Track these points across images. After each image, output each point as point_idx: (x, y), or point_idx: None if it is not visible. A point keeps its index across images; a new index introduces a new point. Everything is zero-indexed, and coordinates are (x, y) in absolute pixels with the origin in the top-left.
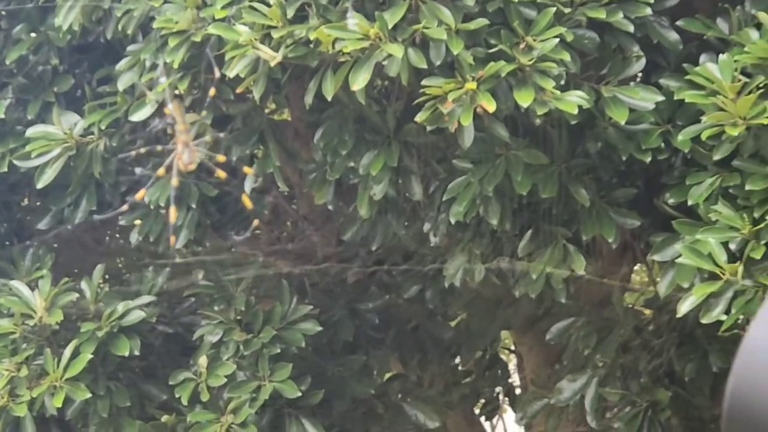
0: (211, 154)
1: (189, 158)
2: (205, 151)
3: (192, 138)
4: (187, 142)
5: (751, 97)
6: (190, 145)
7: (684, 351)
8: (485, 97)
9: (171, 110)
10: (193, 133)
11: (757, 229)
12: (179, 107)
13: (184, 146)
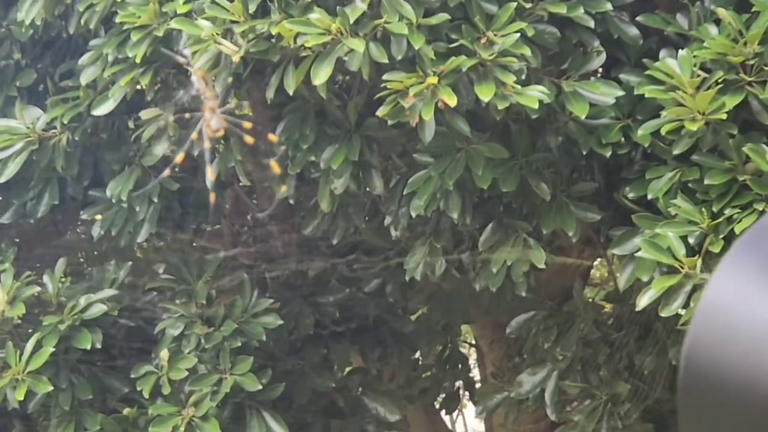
0: (237, 120)
1: (216, 124)
2: (231, 118)
3: (218, 105)
4: (214, 108)
5: (710, 93)
6: (217, 112)
7: (643, 344)
8: (446, 91)
9: (198, 75)
10: (218, 100)
11: (715, 223)
12: (204, 76)
13: (211, 113)
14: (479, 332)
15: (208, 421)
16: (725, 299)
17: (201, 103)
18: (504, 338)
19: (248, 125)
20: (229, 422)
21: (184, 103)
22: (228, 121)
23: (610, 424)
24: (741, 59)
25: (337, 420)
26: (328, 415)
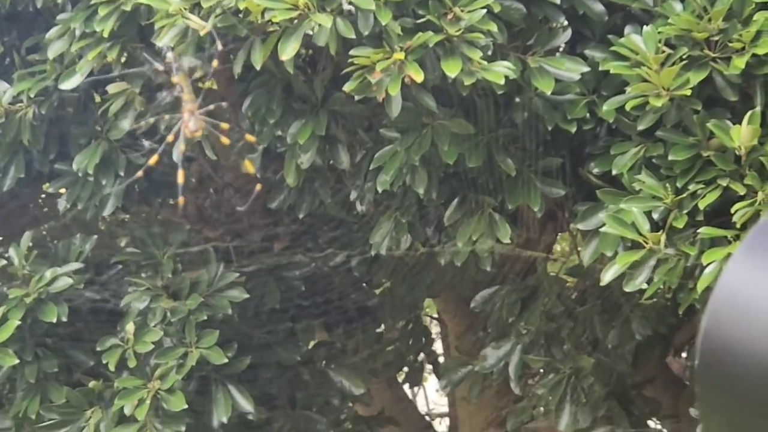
0: (215, 122)
1: (195, 126)
2: (210, 120)
3: (197, 107)
4: (193, 110)
5: (675, 69)
6: (196, 114)
7: (607, 319)
8: (413, 67)
9: (177, 80)
10: (198, 102)
11: (679, 198)
12: (185, 78)
13: (190, 114)
14: (443, 306)
15: (173, 394)
16: (740, 284)
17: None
18: (468, 312)
19: (225, 126)
20: (195, 395)
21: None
22: (206, 122)
23: (574, 398)
24: (705, 35)
25: (302, 393)
26: (294, 388)
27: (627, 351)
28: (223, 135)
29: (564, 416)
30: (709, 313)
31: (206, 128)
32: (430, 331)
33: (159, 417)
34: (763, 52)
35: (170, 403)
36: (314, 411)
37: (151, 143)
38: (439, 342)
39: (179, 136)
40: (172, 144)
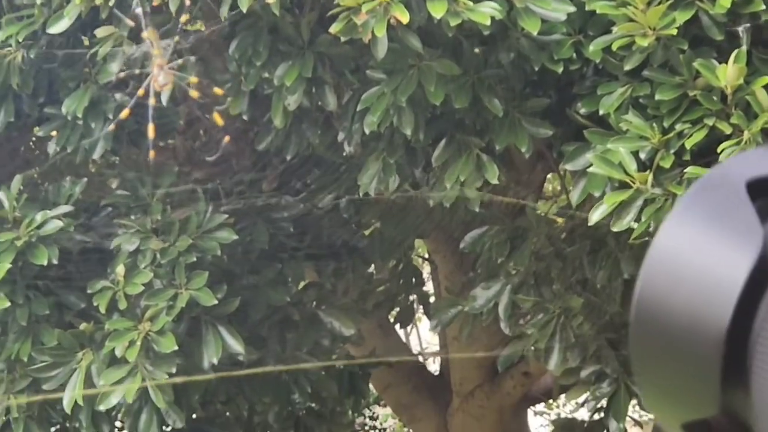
0: (184, 75)
1: (164, 80)
2: (178, 74)
3: (166, 62)
4: (162, 65)
5: (661, 8)
6: (165, 68)
7: (595, 258)
8: (399, 8)
9: (147, 35)
10: (167, 57)
11: (666, 138)
12: (154, 33)
13: (159, 69)
14: (433, 247)
15: (164, 336)
16: (672, 248)
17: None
18: (457, 253)
19: (194, 80)
20: (185, 336)
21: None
22: (175, 76)
23: (563, 337)
24: None
25: (292, 334)
26: (284, 329)
27: (615, 290)
28: (193, 89)
29: (553, 355)
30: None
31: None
32: (421, 271)
33: (150, 358)
34: None
35: (161, 344)
36: (305, 352)
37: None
38: (429, 283)
39: (149, 90)
40: (144, 97)
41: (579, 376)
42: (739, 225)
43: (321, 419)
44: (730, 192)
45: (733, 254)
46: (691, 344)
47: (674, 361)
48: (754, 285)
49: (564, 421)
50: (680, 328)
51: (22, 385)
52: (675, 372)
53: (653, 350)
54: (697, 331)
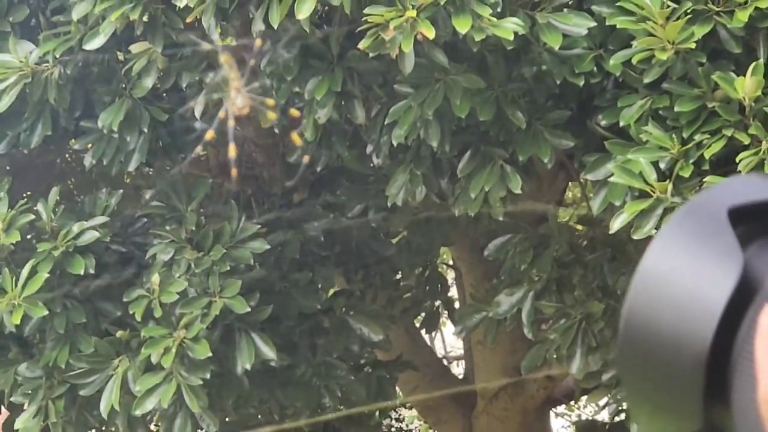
0: (261, 98)
1: (242, 102)
2: (256, 96)
3: (243, 85)
4: (239, 88)
5: (680, 23)
6: (242, 91)
7: (616, 265)
8: (425, 24)
9: (224, 60)
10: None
11: (685, 148)
12: (230, 58)
13: (236, 92)
14: (458, 254)
15: (198, 343)
16: (658, 271)
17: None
18: (482, 260)
19: (271, 102)
20: (219, 343)
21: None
22: (252, 99)
23: (585, 342)
24: None
25: (323, 340)
26: (314, 335)
27: None
28: (270, 110)
29: (575, 359)
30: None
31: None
32: (446, 278)
33: (185, 365)
34: (765, 6)
35: (195, 351)
36: (335, 357)
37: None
38: (454, 289)
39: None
40: (224, 120)
41: (600, 380)
42: (721, 250)
43: (350, 422)
44: (712, 219)
45: (714, 277)
46: (675, 362)
47: (660, 377)
48: (735, 306)
49: (586, 423)
50: (665, 346)
51: (60, 391)
52: (660, 388)
53: (640, 367)
54: (681, 349)
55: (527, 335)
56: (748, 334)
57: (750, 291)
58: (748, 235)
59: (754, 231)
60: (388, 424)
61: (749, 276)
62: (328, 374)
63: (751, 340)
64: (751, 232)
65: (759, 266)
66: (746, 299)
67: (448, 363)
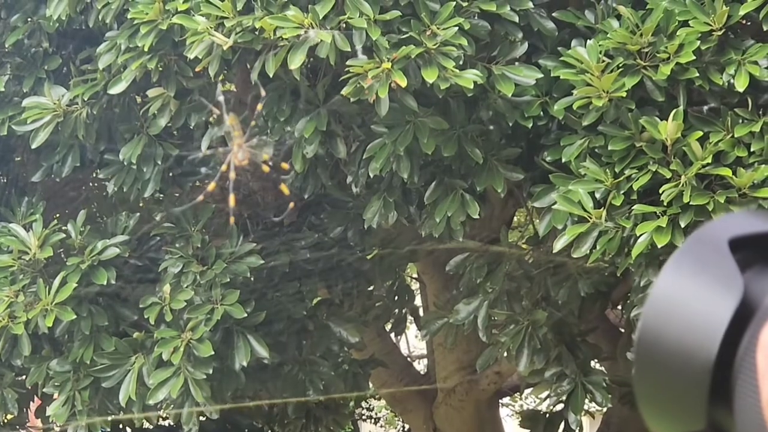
0: (257, 152)
1: (242, 156)
2: (252, 151)
3: (245, 140)
4: (241, 144)
5: (613, 75)
6: (243, 146)
7: (558, 279)
8: (398, 74)
9: (231, 121)
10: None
11: (617, 181)
12: (235, 118)
13: (238, 147)
14: (423, 269)
15: (202, 343)
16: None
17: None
18: (443, 274)
19: (266, 156)
20: (220, 343)
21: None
22: (251, 153)
23: (531, 344)
24: (638, 47)
25: (308, 341)
26: (300, 337)
27: (574, 305)
28: (264, 165)
29: (522, 359)
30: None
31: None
32: (412, 289)
33: (191, 362)
34: (685, 61)
35: (200, 350)
36: (318, 356)
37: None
38: (419, 298)
39: (231, 166)
40: (227, 172)
41: (543, 376)
42: (723, 274)
43: (328, 410)
44: (715, 247)
45: (718, 298)
46: (684, 371)
47: (670, 384)
48: (737, 324)
49: (529, 412)
50: (675, 357)
51: (85, 383)
52: (670, 393)
53: (653, 375)
54: (690, 360)
55: (482, 338)
56: (749, 347)
57: (749, 310)
58: (746, 262)
59: (751, 258)
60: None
61: (748, 297)
62: (312, 370)
63: (752, 353)
64: (748, 259)
65: (757, 288)
66: (746, 317)
67: (412, 361)
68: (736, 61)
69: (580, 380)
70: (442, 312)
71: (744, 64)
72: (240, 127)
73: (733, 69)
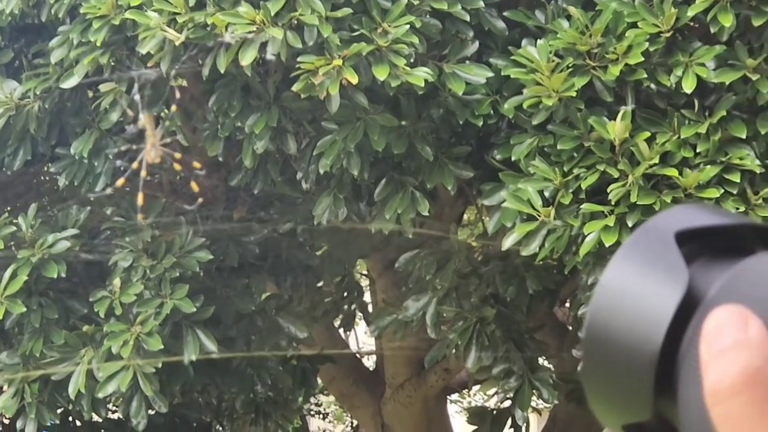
0: (171, 152)
1: (155, 154)
2: (167, 150)
3: (158, 139)
4: (154, 142)
5: (563, 75)
6: (156, 145)
7: (506, 277)
8: (349, 71)
9: (144, 121)
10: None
11: (566, 180)
12: (149, 117)
13: (152, 146)
14: (372, 265)
15: (152, 337)
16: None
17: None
18: (393, 271)
19: (178, 156)
20: (169, 338)
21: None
22: (164, 152)
23: (479, 341)
24: (587, 48)
25: (257, 336)
26: (249, 332)
27: (522, 303)
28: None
29: (470, 356)
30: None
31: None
32: (361, 285)
33: (140, 355)
34: (633, 62)
35: (149, 344)
36: (266, 351)
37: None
38: (368, 294)
39: (143, 164)
40: (137, 170)
41: (491, 373)
42: (669, 267)
43: (277, 405)
44: (662, 240)
45: (664, 290)
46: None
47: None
48: (681, 315)
49: (476, 408)
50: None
51: (34, 376)
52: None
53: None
54: (635, 352)
55: (430, 335)
56: (693, 338)
57: (694, 301)
58: (692, 254)
59: (697, 251)
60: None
61: (693, 289)
62: (260, 365)
63: (696, 344)
64: (695, 251)
65: (702, 281)
66: (691, 309)
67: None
68: (683, 63)
69: (527, 377)
70: (391, 308)
71: (691, 66)
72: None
73: (680, 70)
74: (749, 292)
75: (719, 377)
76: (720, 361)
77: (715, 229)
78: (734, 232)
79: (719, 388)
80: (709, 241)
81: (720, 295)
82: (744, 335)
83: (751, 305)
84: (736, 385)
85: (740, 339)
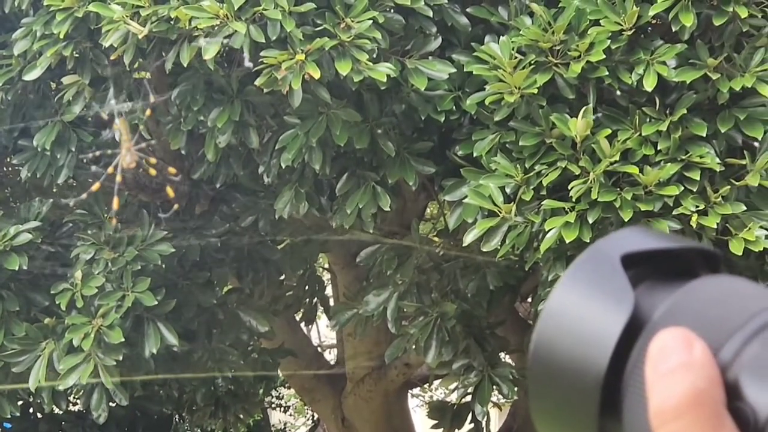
0: (145, 156)
1: (130, 159)
2: (141, 155)
3: (133, 143)
4: (129, 147)
5: (525, 71)
6: (131, 150)
7: (467, 272)
8: (312, 66)
9: (118, 126)
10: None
11: (527, 176)
12: (124, 122)
13: (126, 150)
14: (334, 260)
15: (113, 330)
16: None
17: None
18: (354, 265)
19: (153, 161)
20: (131, 331)
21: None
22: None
23: (439, 336)
24: (550, 45)
25: (218, 330)
26: (210, 326)
27: (483, 298)
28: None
29: (431, 351)
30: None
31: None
32: (323, 279)
33: (101, 348)
34: (595, 60)
35: (110, 336)
36: (227, 344)
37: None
38: (329, 289)
39: (118, 168)
40: (113, 175)
41: (451, 368)
42: (615, 290)
43: (237, 398)
44: (608, 263)
45: (609, 313)
46: (576, 383)
47: (563, 398)
48: (626, 337)
49: (437, 403)
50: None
51: None
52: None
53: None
54: (581, 375)
55: (391, 329)
56: (638, 360)
57: (639, 324)
58: (637, 278)
59: (642, 274)
60: (269, 401)
61: (639, 312)
62: (221, 358)
63: (641, 366)
64: (640, 275)
65: (647, 304)
66: (636, 331)
67: (322, 351)
68: (645, 61)
69: (487, 372)
70: (352, 303)
71: (653, 64)
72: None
73: (642, 68)
74: (693, 314)
75: (664, 398)
76: (665, 382)
77: (660, 253)
78: (679, 255)
79: (664, 409)
80: (655, 264)
81: (665, 318)
82: (688, 357)
83: (696, 328)
84: (680, 407)
85: (685, 361)
